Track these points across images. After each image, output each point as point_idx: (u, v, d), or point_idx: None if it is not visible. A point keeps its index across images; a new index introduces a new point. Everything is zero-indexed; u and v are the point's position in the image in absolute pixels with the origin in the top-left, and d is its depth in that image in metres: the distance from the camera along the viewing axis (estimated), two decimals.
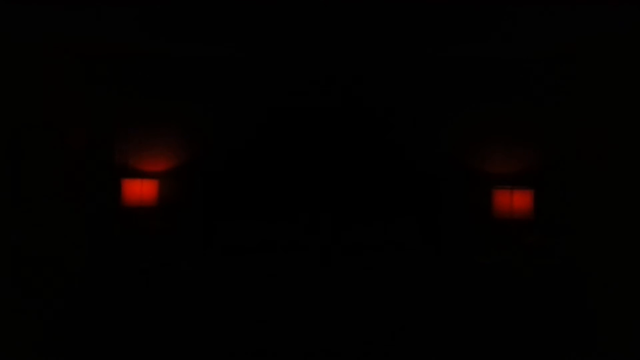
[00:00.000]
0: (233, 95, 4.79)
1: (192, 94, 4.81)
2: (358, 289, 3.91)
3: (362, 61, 4.73)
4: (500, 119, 4.71)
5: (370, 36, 4.06)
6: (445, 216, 4.67)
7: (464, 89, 4.71)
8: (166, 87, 4.81)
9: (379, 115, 4.73)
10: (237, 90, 4.79)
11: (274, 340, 3.70)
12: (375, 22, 3.70)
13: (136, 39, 4.23)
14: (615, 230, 4.15)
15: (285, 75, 4.75)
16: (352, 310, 3.81)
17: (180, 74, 4.79)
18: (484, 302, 4.15)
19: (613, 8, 3.26)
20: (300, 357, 3.65)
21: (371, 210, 4.61)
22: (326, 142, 4.72)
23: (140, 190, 4.53)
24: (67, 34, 4.04)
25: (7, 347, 3.73)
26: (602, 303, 4.19)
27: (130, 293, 4.22)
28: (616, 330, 4.00)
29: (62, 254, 4.44)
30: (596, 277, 4.28)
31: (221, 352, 3.69)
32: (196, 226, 4.74)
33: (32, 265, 4.08)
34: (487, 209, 4.63)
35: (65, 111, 4.52)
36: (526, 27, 3.75)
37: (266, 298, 3.87)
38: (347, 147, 4.71)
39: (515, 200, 4.36)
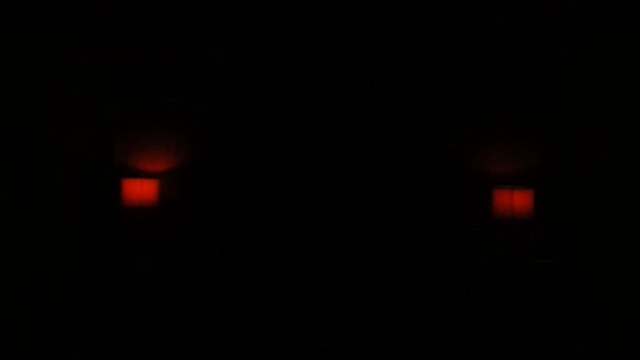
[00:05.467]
0: (233, 95, 4.79)
1: (192, 94, 4.80)
2: (358, 289, 3.91)
3: (363, 61, 4.72)
4: (500, 119, 4.70)
5: (370, 36, 4.06)
6: (445, 216, 4.67)
7: (464, 89, 4.70)
8: (166, 87, 4.80)
9: (379, 115, 4.73)
10: (237, 90, 4.78)
11: (274, 341, 3.70)
12: (375, 22, 3.70)
13: (136, 39, 4.23)
14: (616, 230, 4.15)
15: (285, 75, 4.75)
16: (352, 311, 3.80)
17: (180, 74, 4.79)
18: (484, 302, 4.14)
19: (613, 8, 3.27)
20: (301, 357, 3.65)
21: (371, 210, 4.61)
22: (326, 142, 4.72)
23: (140, 190, 4.52)
24: (67, 34, 4.04)
25: (7, 347, 3.73)
26: (602, 303, 4.18)
27: (130, 293, 4.22)
28: (616, 330, 4.00)
29: (62, 253, 4.43)
30: (596, 276, 4.28)
31: (221, 352, 3.69)
32: (196, 226, 4.74)
33: (32, 265, 4.08)
34: (487, 209, 4.62)
35: (65, 111, 4.52)
36: (526, 27, 3.75)
37: (266, 298, 3.87)
38: (347, 147, 4.71)
39: (515, 200, 4.36)
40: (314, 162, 4.70)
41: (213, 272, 4.08)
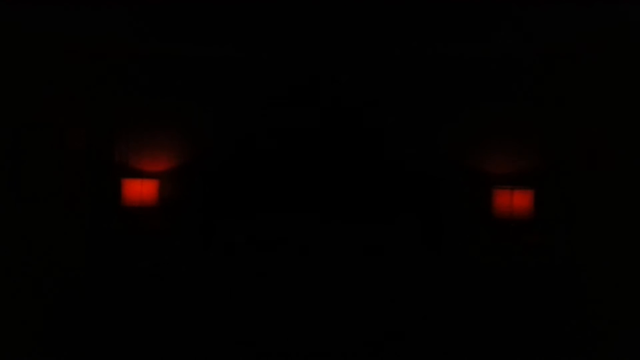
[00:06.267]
0: (233, 95, 4.79)
1: (192, 94, 4.81)
2: (359, 288, 3.91)
3: (362, 61, 4.72)
4: (500, 119, 4.70)
5: (370, 36, 4.06)
6: (445, 216, 4.66)
7: (464, 89, 4.70)
8: (166, 87, 4.80)
9: (378, 115, 4.73)
10: (237, 90, 4.79)
11: (274, 340, 3.70)
12: (375, 22, 3.70)
13: (136, 39, 4.23)
14: (615, 230, 4.15)
15: (285, 75, 4.75)
16: (353, 310, 3.81)
17: (180, 74, 4.79)
18: (484, 301, 4.14)
19: (613, 7, 3.26)
20: (300, 357, 3.65)
21: (371, 210, 4.60)
22: (326, 141, 4.72)
23: (140, 190, 4.52)
24: (67, 34, 4.04)
25: (7, 347, 3.73)
26: (602, 303, 4.18)
27: (130, 293, 4.22)
28: (616, 330, 4.00)
29: (62, 253, 4.44)
30: (596, 276, 4.28)
31: (221, 352, 3.69)
32: (196, 226, 4.74)
33: (32, 265, 4.08)
34: (487, 209, 4.62)
35: (65, 111, 4.52)
36: (526, 27, 3.74)
37: (266, 298, 3.88)
38: (347, 147, 4.70)
39: (515, 200, 4.36)
40: (314, 161, 4.70)
41: (213, 272, 4.08)
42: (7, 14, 3.50)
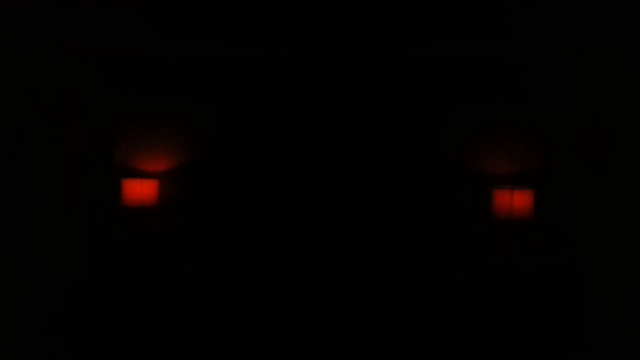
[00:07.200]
0: (233, 95, 4.79)
1: (192, 94, 4.81)
2: (358, 289, 3.91)
3: (362, 61, 4.73)
4: (500, 119, 4.71)
5: (370, 36, 4.06)
6: (445, 216, 4.67)
7: (464, 89, 4.71)
8: (166, 87, 4.81)
9: (378, 115, 4.73)
10: (237, 90, 4.79)
11: (273, 341, 3.71)
12: (375, 22, 3.70)
13: (136, 39, 4.23)
14: (615, 230, 4.15)
15: (285, 75, 4.76)
16: (352, 311, 3.81)
17: (180, 74, 4.79)
18: (484, 302, 4.15)
19: (613, 8, 3.27)
20: (300, 357, 3.65)
21: (371, 210, 4.61)
22: (326, 141, 4.72)
23: (140, 190, 4.53)
24: (67, 34, 4.04)
25: (7, 347, 3.73)
26: (602, 303, 4.19)
27: (130, 293, 4.22)
28: (615, 330, 4.00)
29: (62, 253, 4.44)
30: (596, 277, 4.28)
31: (221, 352, 3.69)
32: (196, 226, 4.74)
33: (32, 265, 4.08)
34: (487, 209, 4.63)
35: (65, 111, 4.52)
36: (526, 27, 3.75)
37: (266, 298, 3.88)
38: (347, 147, 4.71)
39: (515, 200, 4.36)
40: (314, 161, 4.70)
41: (213, 272, 4.08)
42: (7, 14, 3.50)
